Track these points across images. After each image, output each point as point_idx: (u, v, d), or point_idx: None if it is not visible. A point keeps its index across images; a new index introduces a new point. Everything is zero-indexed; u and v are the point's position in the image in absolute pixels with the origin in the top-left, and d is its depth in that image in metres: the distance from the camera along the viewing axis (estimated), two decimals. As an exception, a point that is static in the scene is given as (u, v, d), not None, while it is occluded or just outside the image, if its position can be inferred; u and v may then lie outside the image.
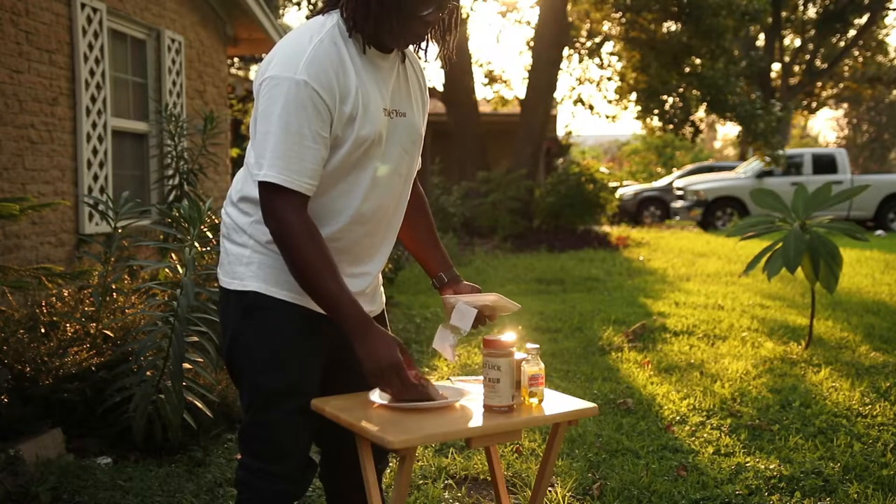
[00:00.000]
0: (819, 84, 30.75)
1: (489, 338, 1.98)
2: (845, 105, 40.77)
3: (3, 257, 4.87)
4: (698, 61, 15.62)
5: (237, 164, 9.12)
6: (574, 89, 19.53)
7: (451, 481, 3.37)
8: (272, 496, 2.02)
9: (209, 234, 3.83)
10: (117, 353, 3.75)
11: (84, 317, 3.97)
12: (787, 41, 30.27)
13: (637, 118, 17.45)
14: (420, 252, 2.28)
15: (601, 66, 18.76)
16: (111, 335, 3.91)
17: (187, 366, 3.50)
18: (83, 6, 5.65)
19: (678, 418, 4.12)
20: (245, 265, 2.00)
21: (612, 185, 15.96)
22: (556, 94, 16.56)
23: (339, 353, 2.10)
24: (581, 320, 6.65)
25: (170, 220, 4.02)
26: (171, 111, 6.13)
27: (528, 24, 19.99)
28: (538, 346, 2.03)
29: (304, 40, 1.88)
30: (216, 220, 3.93)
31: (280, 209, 1.85)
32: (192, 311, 3.52)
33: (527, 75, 15.97)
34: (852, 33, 28.61)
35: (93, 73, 5.80)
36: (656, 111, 16.10)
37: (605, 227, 15.89)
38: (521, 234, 13.80)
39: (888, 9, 28.63)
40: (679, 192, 18.18)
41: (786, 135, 26.60)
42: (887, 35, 34.30)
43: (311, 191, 1.88)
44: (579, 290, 8.55)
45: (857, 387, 4.61)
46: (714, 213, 17.02)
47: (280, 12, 20.62)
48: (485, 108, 17.94)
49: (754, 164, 17.27)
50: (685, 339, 5.92)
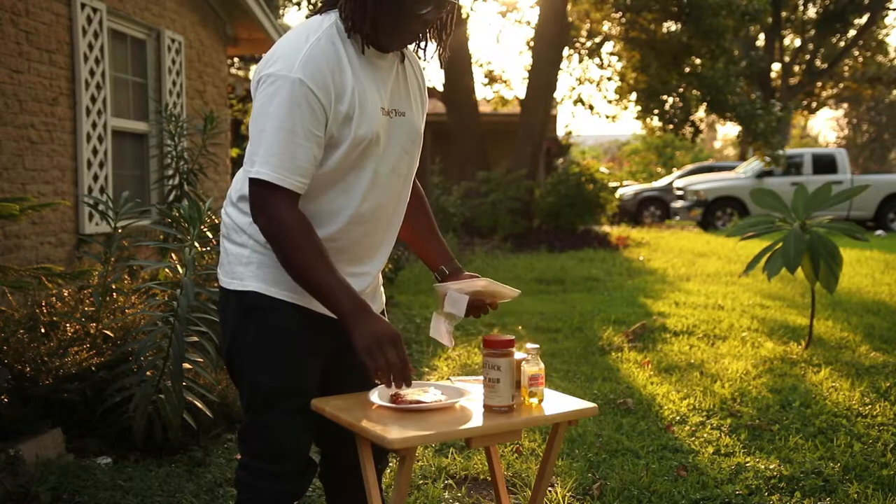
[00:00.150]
0: (819, 84, 30.75)
1: (489, 338, 1.98)
2: (845, 105, 40.77)
3: (3, 257, 4.87)
4: (698, 61, 15.62)
5: (237, 164, 9.12)
6: (574, 89, 19.54)
7: (451, 481, 3.37)
8: (272, 496, 2.02)
9: (209, 234, 3.83)
10: (117, 353, 3.75)
11: (84, 317, 3.97)
12: (787, 41, 30.27)
13: (637, 118, 17.45)
14: (421, 246, 2.26)
15: (601, 66, 18.77)
16: (111, 335, 3.91)
17: (187, 366, 3.50)
18: (83, 6, 5.65)
19: (678, 418, 4.12)
20: (245, 265, 2.00)
21: (612, 185, 15.95)
22: (556, 94, 16.56)
23: (339, 353, 2.10)
24: (581, 320, 6.65)
25: (170, 220, 4.02)
26: (171, 111, 6.13)
27: (528, 24, 19.99)
28: (538, 346, 2.03)
29: (301, 39, 1.88)
30: (216, 220, 3.93)
31: (270, 205, 1.85)
32: (192, 311, 3.53)
33: (527, 75, 15.96)
34: (852, 33, 28.62)
35: (93, 73, 5.80)
36: (656, 111, 16.10)
37: (605, 227, 15.89)
38: (521, 234, 13.80)
39: (888, 9, 28.64)
40: (679, 192, 18.17)
41: (786, 135, 26.60)
42: (887, 35, 34.32)
43: (303, 189, 1.87)
44: (579, 290, 8.55)
45: (857, 387, 4.61)
46: (714, 213, 17.02)
47: (280, 12, 20.62)
48: (485, 108, 17.93)
49: (754, 164, 17.27)
50: (685, 339, 5.92)
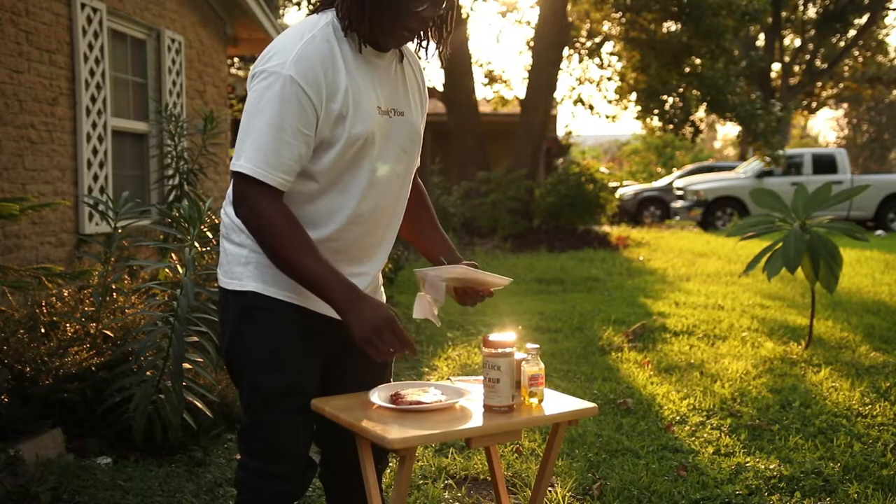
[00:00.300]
0: (819, 84, 30.75)
1: (489, 338, 1.98)
2: (845, 105, 40.77)
3: (3, 257, 4.87)
4: (698, 61, 15.62)
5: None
6: (574, 89, 19.55)
7: (451, 481, 3.37)
8: (271, 496, 2.02)
9: (209, 234, 3.83)
10: (117, 353, 3.75)
11: (84, 317, 3.97)
12: (787, 41, 30.27)
13: (637, 118, 17.46)
14: (421, 240, 2.24)
15: (601, 66, 18.77)
16: (111, 335, 3.91)
17: (187, 366, 3.50)
18: (83, 6, 5.65)
19: (678, 418, 4.12)
20: (243, 265, 2.00)
21: (612, 185, 15.96)
22: (556, 94, 16.56)
23: (338, 353, 2.10)
24: (581, 320, 6.65)
25: (170, 220, 4.03)
26: (171, 111, 6.13)
27: (528, 24, 20.00)
28: (538, 346, 2.03)
29: (296, 37, 1.88)
30: (216, 220, 3.93)
31: (252, 200, 1.85)
32: (192, 311, 3.53)
33: (527, 75, 15.97)
34: (852, 33, 28.62)
35: (93, 73, 5.80)
36: (656, 111, 16.11)
37: (605, 227, 15.89)
38: (521, 234, 13.80)
39: (888, 9, 28.64)
40: (679, 192, 18.17)
41: (786, 135, 26.61)
42: (887, 35, 34.31)
43: (285, 186, 1.87)
44: (579, 290, 8.55)
45: (857, 387, 4.61)
46: (714, 213, 17.02)
47: (280, 12, 20.62)
48: (485, 108, 17.93)
49: (754, 164, 17.27)
50: (685, 339, 5.92)
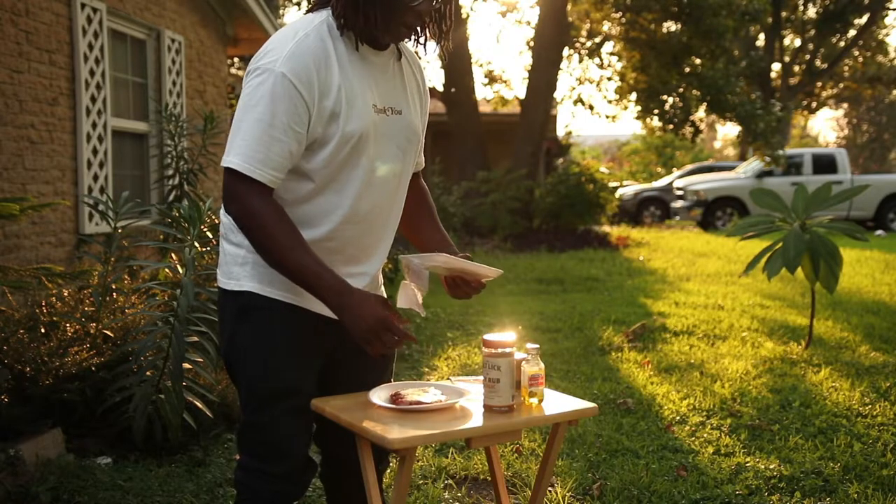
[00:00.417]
0: (819, 84, 30.74)
1: (489, 338, 1.98)
2: (845, 105, 40.73)
3: (3, 257, 4.87)
4: (698, 61, 15.62)
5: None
6: (574, 89, 19.55)
7: (451, 481, 3.37)
8: (270, 496, 2.01)
9: (209, 234, 3.83)
10: (117, 353, 3.74)
11: (84, 317, 3.97)
12: (787, 41, 30.27)
13: (637, 118, 17.46)
14: (419, 236, 2.22)
15: (601, 66, 18.77)
16: (111, 335, 3.91)
17: (187, 366, 3.50)
18: (83, 6, 5.65)
19: (678, 418, 4.12)
20: (240, 265, 2.00)
21: (612, 185, 15.95)
22: (556, 94, 16.56)
23: (338, 353, 2.09)
24: (581, 320, 6.65)
25: (170, 220, 4.03)
26: (171, 111, 6.12)
27: (528, 24, 20.00)
28: (538, 346, 2.03)
29: (290, 35, 1.89)
30: (216, 220, 3.93)
31: (241, 195, 1.85)
32: (192, 311, 3.53)
33: (527, 75, 15.97)
34: (852, 33, 28.61)
35: (93, 73, 5.80)
36: (656, 111, 16.10)
37: (605, 227, 15.89)
38: (521, 234, 13.80)
39: (888, 9, 28.62)
40: (679, 192, 18.17)
41: (786, 135, 26.59)
42: (887, 35, 34.30)
43: (275, 182, 1.87)
44: (579, 290, 8.55)
45: (857, 387, 4.61)
46: (714, 213, 17.01)
47: (280, 12, 20.63)
48: (485, 108, 17.93)
49: (754, 164, 17.27)
50: (685, 339, 5.92)
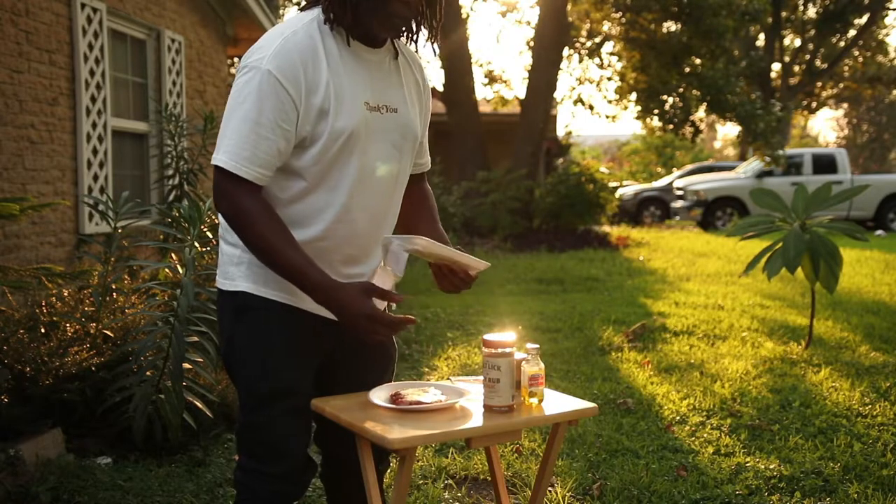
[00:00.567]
0: (819, 84, 30.74)
1: (489, 338, 1.98)
2: (845, 105, 40.72)
3: (3, 257, 4.87)
4: (698, 61, 15.62)
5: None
6: (574, 89, 19.56)
7: (451, 481, 3.37)
8: (269, 496, 2.01)
9: (209, 234, 3.84)
10: (117, 353, 3.75)
11: (84, 317, 3.97)
12: (787, 41, 30.27)
13: (637, 118, 17.47)
14: (415, 231, 2.16)
15: (601, 66, 18.78)
16: (111, 335, 3.91)
17: (187, 366, 3.50)
18: (83, 6, 5.65)
19: (678, 418, 4.12)
20: (236, 265, 2.00)
21: (612, 185, 15.94)
22: (556, 94, 16.56)
23: (336, 353, 2.09)
24: (581, 320, 6.65)
25: (170, 220, 4.03)
26: (171, 111, 6.13)
27: (528, 24, 20.02)
28: (538, 346, 2.03)
29: (279, 32, 1.90)
30: (216, 221, 3.93)
31: (230, 193, 1.86)
32: (192, 311, 3.53)
33: (527, 75, 15.96)
34: (852, 33, 28.61)
35: (93, 73, 5.80)
36: (656, 111, 16.11)
37: (605, 227, 15.88)
38: (521, 234, 13.80)
39: (888, 9, 28.63)
40: (679, 192, 18.17)
41: (786, 135, 26.59)
42: (887, 35, 34.30)
43: (263, 180, 1.87)
44: (579, 290, 8.55)
45: (857, 387, 4.61)
46: (714, 213, 17.01)
47: (280, 12, 20.64)
48: (485, 108, 17.93)
49: (754, 164, 17.27)
50: (685, 339, 5.92)
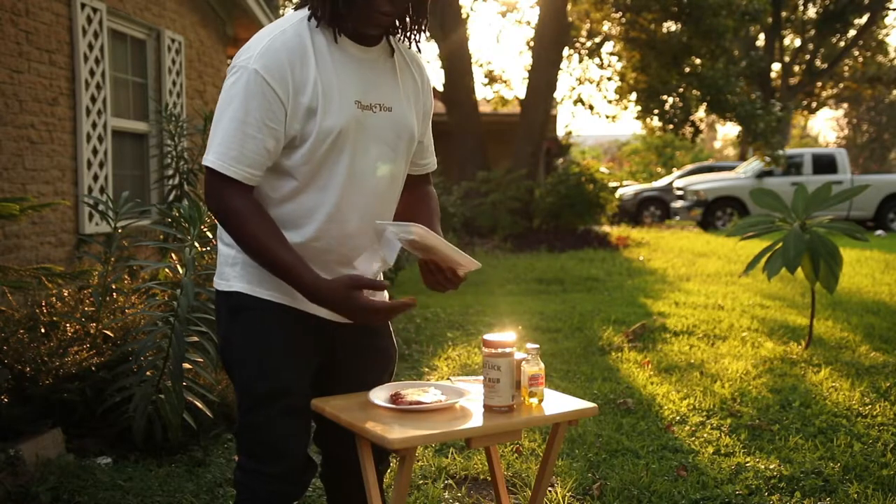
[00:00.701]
0: (819, 84, 30.74)
1: (489, 338, 1.98)
2: (845, 105, 40.72)
3: (3, 257, 4.87)
4: (698, 61, 15.62)
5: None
6: (574, 89, 19.57)
7: (451, 481, 3.37)
8: (268, 496, 2.00)
9: (209, 234, 3.83)
10: (117, 353, 3.75)
11: (84, 317, 3.97)
12: (787, 41, 30.27)
13: (637, 118, 17.47)
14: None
15: (601, 66, 18.79)
16: (111, 335, 3.91)
17: (187, 366, 3.50)
18: (83, 6, 5.64)
19: (678, 418, 4.12)
20: (231, 265, 2.00)
21: (612, 185, 15.94)
22: (556, 94, 16.56)
23: (335, 353, 2.08)
24: (581, 320, 6.65)
25: (170, 220, 4.03)
26: (171, 111, 6.13)
27: (528, 24, 20.05)
28: (538, 346, 2.03)
29: (268, 32, 1.90)
30: (215, 221, 3.92)
31: (219, 193, 1.87)
32: (192, 311, 3.53)
33: (527, 75, 15.97)
34: (852, 33, 28.61)
35: (93, 73, 5.80)
36: (656, 111, 16.11)
37: (605, 227, 15.88)
38: (521, 234, 13.80)
39: (888, 9, 28.63)
40: (679, 192, 18.17)
41: (786, 135, 26.59)
42: (887, 35, 34.30)
43: (251, 180, 1.87)
44: (579, 290, 8.55)
45: (857, 387, 4.61)
46: (714, 213, 17.01)
47: (280, 12, 20.63)
48: (485, 108, 17.93)
49: (754, 164, 17.27)
50: (685, 339, 5.91)
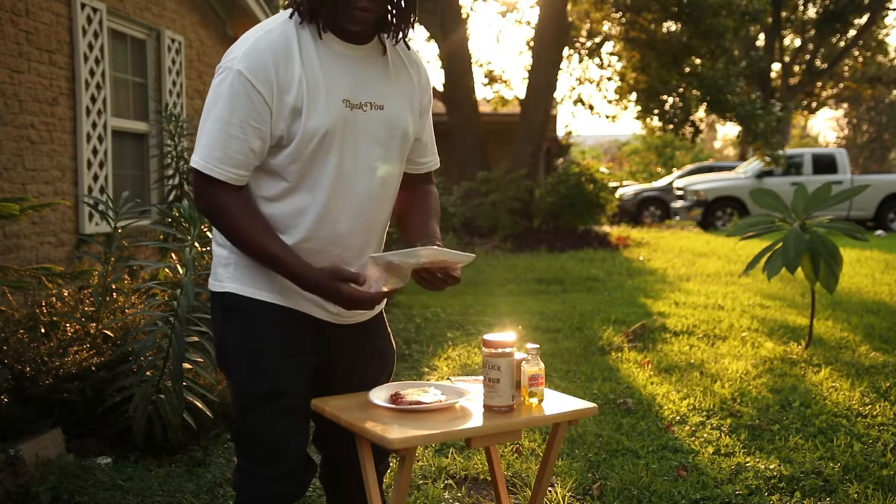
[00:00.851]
0: (819, 84, 30.74)
1: (489, 338, 1.98)
2: (845, 105, 40.72)
3: (3, 257, 4.87)
4: (698, 61, 15.62)
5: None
6: (574, 89, 19.57)
7: (451, 481, 3.37)
8: (267, 498, 1.99)
9: (209, 233, 3.83)
10: (117, 353, 3.75)
11: (84, 317, 3.97)
12: (787, 41, 30.27)
13: (637, 118, 17.48)
14: (407, 231, 2.12)
15: (601, 66, 18.78)
16: (111, 335, 3.91)
17: (187, 366, 3.50)
18: (83, 6, 5.64)
19: (678, 418, 4.12)
20: (223, 266, 2.00)
21: (612, 185, 15.94)
22: (556, 94, 16.55)
23: (332, 352, 2.07)
24: (581, 320, 6.65)
25: (170, 220, 4.03)
26: (171, 111, 6.13)
27: (528, 24, 20.04)
28: (538, 346, 2.03)
29: (254, 32, 1.90)
30: (214, 221, 3.92)
31: (205, 192, 1.87)
32: (192, 311, 3.53)
33: (527, 75, 15.96)
34: (852, 33, 28.61)
35: (93, 73, 5.80)
36: (656, 111, 16.11)
37: (605, 227, 15.88)
38: (521, 234, 13.79)
39: (888, 9, 28.62)
40: (679, 192, 18.17)
41: (786, 135, 26.59)
42: (887, 35, 34.30)
43: (238, 180, 1.87)
44: (579, 290, 8.55)
45: (857, 387, 4.61)
46: (714, 213, 17.01)
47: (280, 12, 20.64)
48: (485, 108, 17.92)
49: (754, 164, 17.27)
50: (685, 339, 5.91)
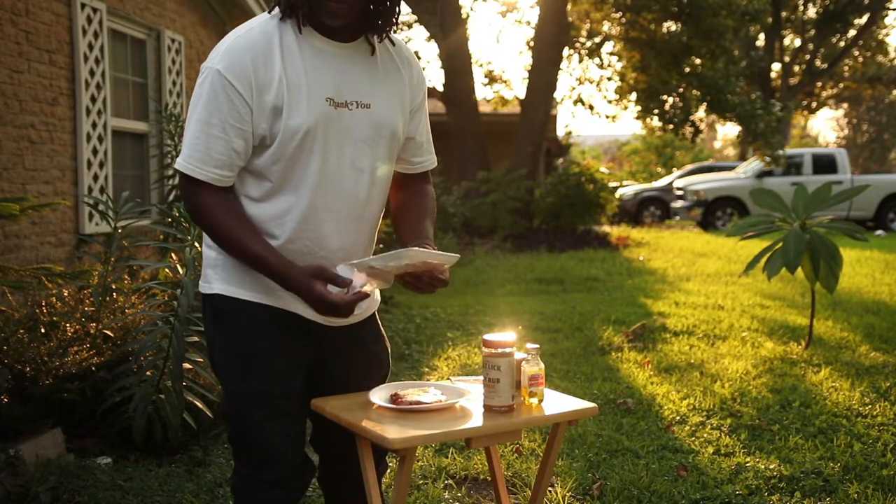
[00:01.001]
0: (819, 84, 30.75)
1: (489, 338, 1.98)
2: (845, 105, 40.71)
3: (3, 257, 4.87)
4: (698, 61, 15.63)
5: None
6: (574, 89, 19.56)
7: (451, 481, 3.37)
8: (265, 500, 1.98)
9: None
10: (117, 353, 3.75)
11: (84, 317, 3.97)
12: (787, 41, 30.27)
13: (637, 118, 17.48)
14: (400, 231, 2.10)
15: (601, 66, 18.77)
16: (111, 335, 3.91)
17: (187, 366, 3.50)
18: (83, 6, 5.64)
19: (678, 418, 4.12)
20: (212, 268, 1.99)
21: (612, 185, 15.95)
22: (556, 94, 16.55)
23: (322, 353, 2.05)
24: (581, 320, 6.65)
25: (170, 219, 4.03)
26: (171, 111, 6.13)
27: (528, 24, 20.04)
28: (538, 346, 2.03)
29: (236, 31, 1.89)
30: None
31: (191, 194, 1.87)
32: (192, 311, 3.53)
33: (527, 75, 15.96)
34: (852, 33, 28.62)
35: (93, 73, 5.79)
36: (656, 111, 16.11)
37: (605, 227, 15.88)
38: (521, 234, 13.79)
39: (888, 9, 28.63)
40: (679, 192, 18.17)
41: (786, 135, 26.58)
42: (887, 35, 34.31)
43: (221, 181, 1.87)
44: (579, 290, 8.55)
45: (857, 387, 4.61)
46: (714, 213, 17.01)
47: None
48: (485, 108, 17.92)
49: (754, 164, 17.27)
50: (685, 339, 5.92)
